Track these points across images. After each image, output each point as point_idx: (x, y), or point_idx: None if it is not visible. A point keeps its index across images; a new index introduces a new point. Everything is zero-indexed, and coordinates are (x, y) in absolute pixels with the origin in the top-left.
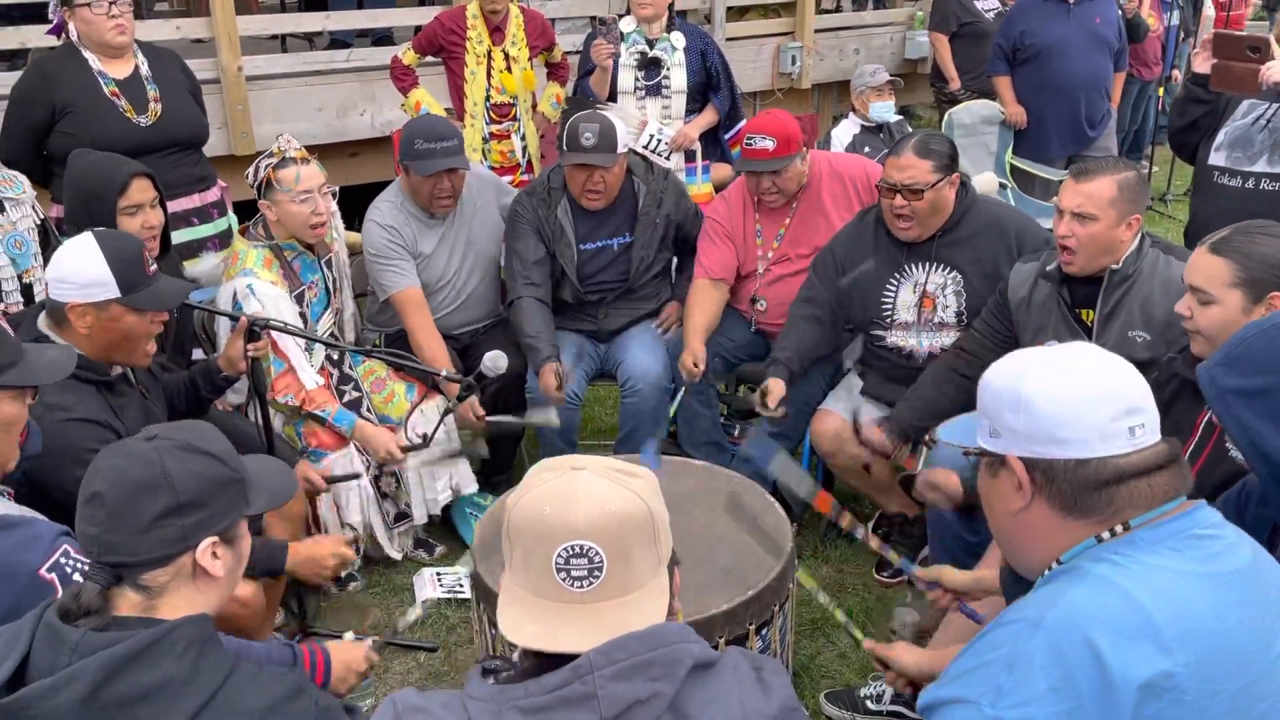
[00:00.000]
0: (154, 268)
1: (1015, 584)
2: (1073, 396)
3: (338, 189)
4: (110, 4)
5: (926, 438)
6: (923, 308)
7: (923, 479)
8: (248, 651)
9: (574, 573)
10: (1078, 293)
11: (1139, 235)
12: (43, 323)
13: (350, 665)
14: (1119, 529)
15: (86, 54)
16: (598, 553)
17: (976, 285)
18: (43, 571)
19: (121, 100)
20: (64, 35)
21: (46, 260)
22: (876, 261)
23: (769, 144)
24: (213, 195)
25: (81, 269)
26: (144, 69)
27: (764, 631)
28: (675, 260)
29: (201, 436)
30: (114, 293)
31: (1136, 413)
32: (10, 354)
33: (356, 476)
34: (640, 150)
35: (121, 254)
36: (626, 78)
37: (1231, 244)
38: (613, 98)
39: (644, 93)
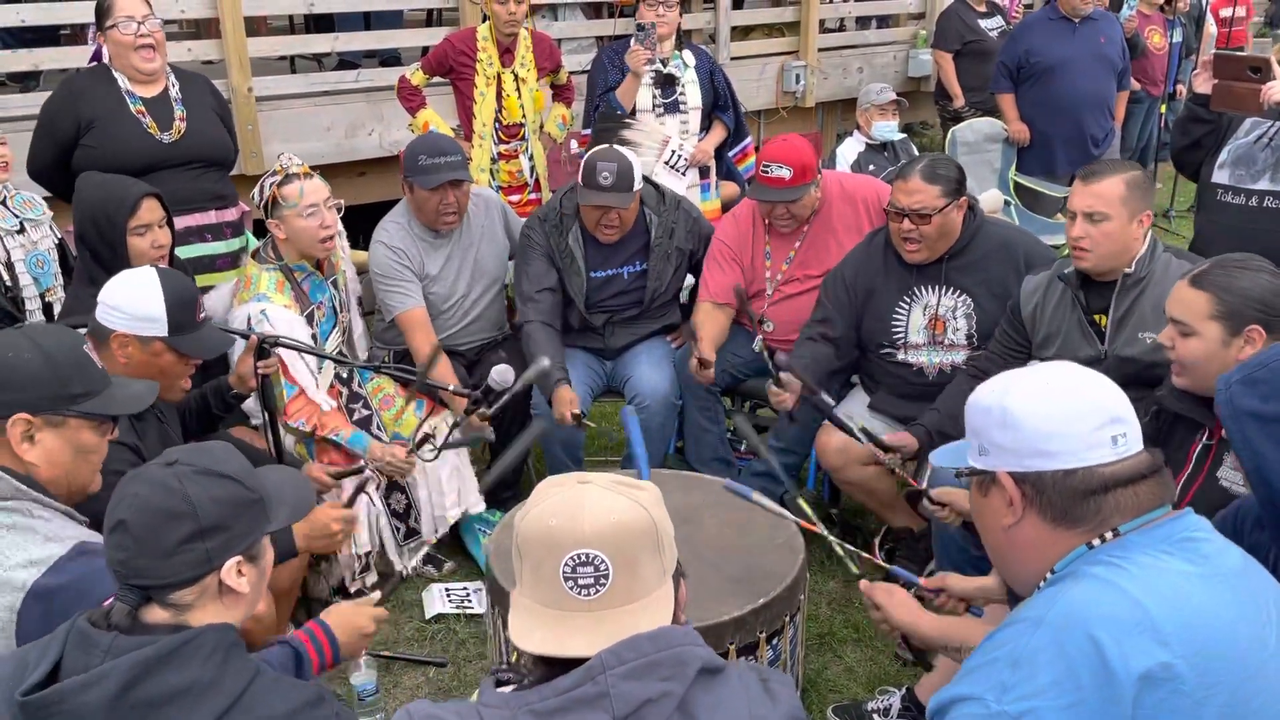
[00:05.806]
0: (204, 314)
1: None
2: (1056, 409)
3: (343, 203)
4: (138, 23)
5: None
6: (934, 330)
7: (935, 493)
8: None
9: (581, 581)
10: (1093, 297)
11: (1150, 239)
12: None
13: (356, 629)
14: (1109, 535)
15: (117, 74)
16: (604, 561)
17: (987, 307)
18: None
19: (147, 118)
20: (102, 61)
21: (66, 280)
22: (886, 283)
23: (785, 172)
24: (230, 215)
25: (137, 302)
26: (173, 90)
27: (775, 641)
28: (690, 280)
29: (219, 459)
30: (162, 331)
31: (1118, 422)
32: (93, 383)
33: (361, 470)
34: (663, 166)
35: (178, 296)
36: (644, 95)
37: (1210, 277)
38: (631, 115)
39: (662, 110)
